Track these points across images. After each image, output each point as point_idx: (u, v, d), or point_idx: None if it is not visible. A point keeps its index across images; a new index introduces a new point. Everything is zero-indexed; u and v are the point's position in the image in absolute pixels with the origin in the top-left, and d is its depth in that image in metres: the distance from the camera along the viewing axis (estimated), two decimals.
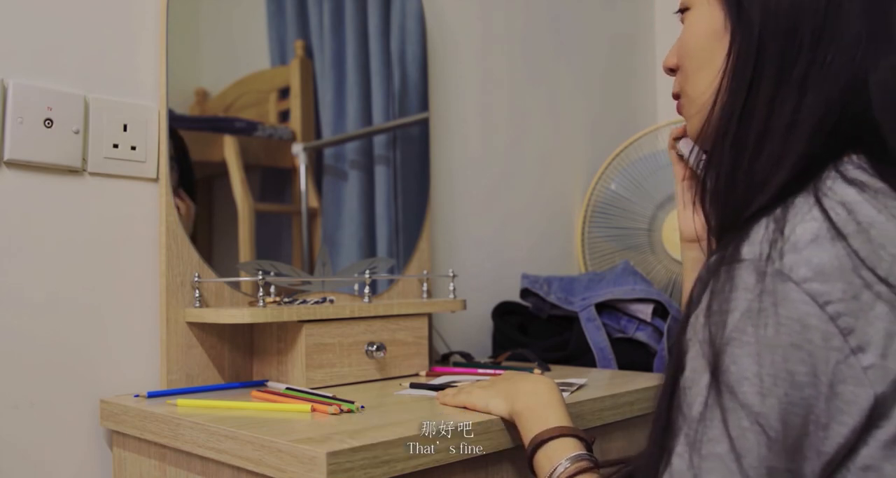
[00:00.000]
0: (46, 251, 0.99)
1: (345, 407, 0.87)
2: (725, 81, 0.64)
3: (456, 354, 1.36)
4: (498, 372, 1.13)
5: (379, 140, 1.34)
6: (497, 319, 1.48)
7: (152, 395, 0.99)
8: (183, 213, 1.09)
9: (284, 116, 1.24)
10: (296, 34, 1.25)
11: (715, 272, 0.59)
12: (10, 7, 0.97)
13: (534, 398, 0.82)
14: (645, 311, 1.31)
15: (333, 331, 1.08)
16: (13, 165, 0.96)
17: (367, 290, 1.17)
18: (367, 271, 1.19)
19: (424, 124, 1.40)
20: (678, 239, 0.90)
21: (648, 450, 0.62)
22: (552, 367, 1.26)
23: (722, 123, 0.64)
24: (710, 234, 0.67)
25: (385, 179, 1.33)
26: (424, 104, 1.39)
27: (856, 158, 0.61)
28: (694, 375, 0.58)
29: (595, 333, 1.30)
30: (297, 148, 1.24)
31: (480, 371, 1.18)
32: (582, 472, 0.72)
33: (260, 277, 1.05)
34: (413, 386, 1.04)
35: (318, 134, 1.27)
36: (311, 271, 1.22)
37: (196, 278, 1.07)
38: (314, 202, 1.26)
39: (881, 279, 0.54)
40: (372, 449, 0.72)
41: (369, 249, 1.31)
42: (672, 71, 0.74)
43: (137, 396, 1.00)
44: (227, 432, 0.79)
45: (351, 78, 1.31)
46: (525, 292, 1.48)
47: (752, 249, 0.57)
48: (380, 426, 0.79)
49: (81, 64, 1.02)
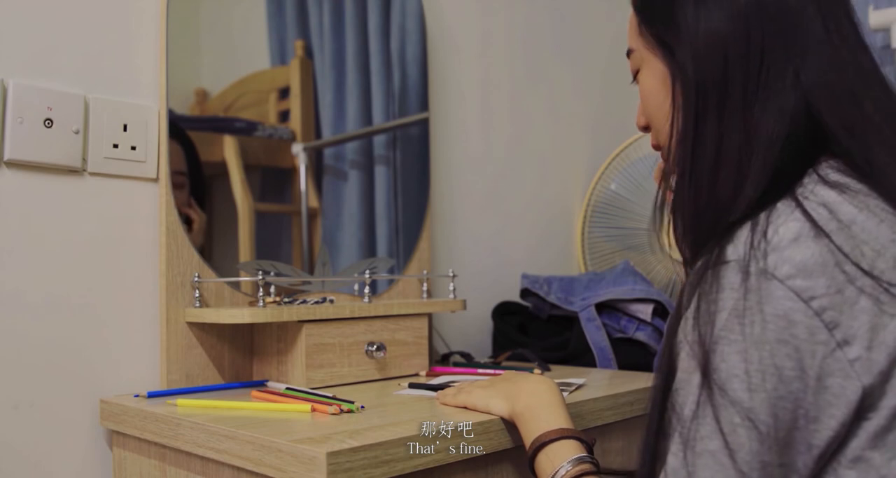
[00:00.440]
0: (46, 251, 0.99)
1: (345, 407, 0.87)
2: (676, 125, 0.67)
3: (456, 354, 1.36)
4: (498, 372, 1.13)
5: (379, 140, 1.34)
6: (497, 320, 1.48)
7: (152, 395, 0.99)
8: (195, 226, 1.09)
9: (284, 116, 1.24)
10: (296, 34, 1.25)
11: (702, 275, 0.60)
12: (10, 7, 0.97)
13: (535, 399, 0.82)
14: (645, 311, 1.31)
15: (333, 331, 1.08)
16: (13, 165, 0.96)
17: (367, 290, 1.17)
18: (367, 271, 1.19)
19: (424, 124, 1.40)
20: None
21: (643, 452, 0.63)
22: (552, 367, 1.26)
23: (679, 162, 0.67)
24: (686, 265, 0.69)
25: (385, 179, 1.33)
26: (424, 104, 1.39)
27: (834, 162, 0.63)
28: (685, 375, 0.60)
29: (595, 333, 1.30)
30: (297, 148, 1.24)
31: (480, 371, 1.18)
32: (583, 475, 0.72)
33: (260, 277, 1.05)
34: (412, 386, 1.04)
35: (318, 134, 1.27)
36: (311, 271, 1.22)
37: (196, 278, 1.07)
38: (314, 202, 1.26)
39: (865, 272, 0.56)
40: (372, 449, 0.72)
41: (369, 249, 1.31)
42: (646, 128, 0.78)
43: (137, 396, 1.00)
44: (227, 432, 0.79)
45: (351, 78, 1.31)
46: (525, 292, 1.48)
47: (737, 250, 0.59)
48: (380, 426, 0.79)
49: (81, 64, 1.02)
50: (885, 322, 0.55)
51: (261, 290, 1.05)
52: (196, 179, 1.12)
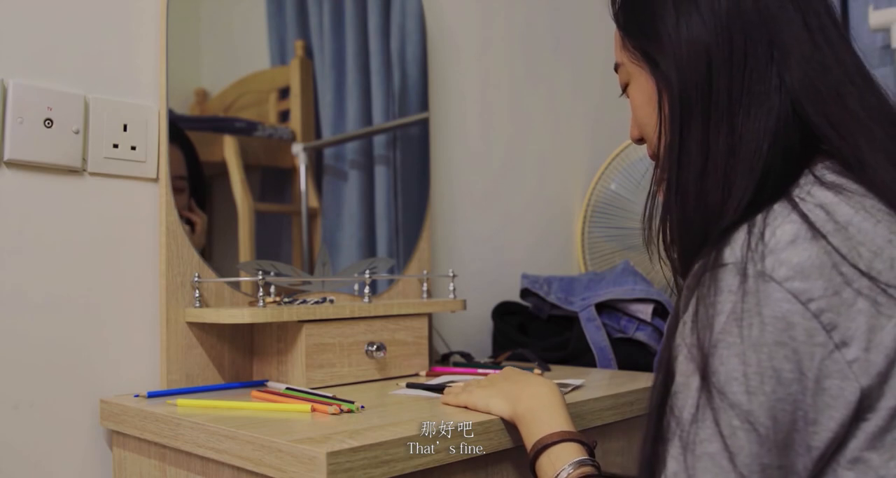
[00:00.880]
0: (46, 251, 0.99)
1: (345, 407, 0.87)
2: (665, 135, 0.68)
3: (456, 354, 1.36)
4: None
5: (379, 140, 1.34)
6: (497, 319, 1.48)
7: (152, 395, 0.99)
8: (197, 229, 1.09)
9: (284, 116, 1.24)
10: (296, 34, 1.25)
11: (699, 278, 0.60)
12: (10, 7, 0.97)
13: (536, 401, 0.82)
14: (645, 311, 1.31)
15: (333, 331, 1.08)
16: (13, 165, 0.96)
17: (367, 290, 1.17)
18: (367, 271, 1.19)
19: (424, 124, 1.40)
20: None
21: (642, 456, 0.63)
22: (552, 367, 1.26)
23: (666, 171, 0.67)
24: (676, 275, 0.69)
25: (385, 179, 1.33)
26: (424, 104, 1.39)
27: (829, 162, 0.63)
28: (684, 379, 0.60)
29: (595, 334, 1.30)
30: (297, 148, 1.24)
31: (480, 371, 1.18)
32: (585, 477, 0.72)
33: (260, 277, 1.05)
34: (410, 386, 1.04)
35: (318, 134, 1.27)
36: (311, 271, 1.22)
37: (196, 278, 1.07)
38: (314, 202, 1.26)
39: (863, 273, 0.56)
40: (372, 449, 0.72)
41: (369, 249, 1.31)
42: (640, 140, 0.78)
43: (137, 396, 1.00)
44: (227, 432, 0.79)
45: (351, 78, 1.31)
46: (525, 292, 1.48)
47: (734, 253, 0.59)
48: (380, 426, 0.79)
49: (81, 64, 1.02)
50: (883, 324, 0.55)
51: (261, 290, 1.05)
52: (197, 182, 1.12)
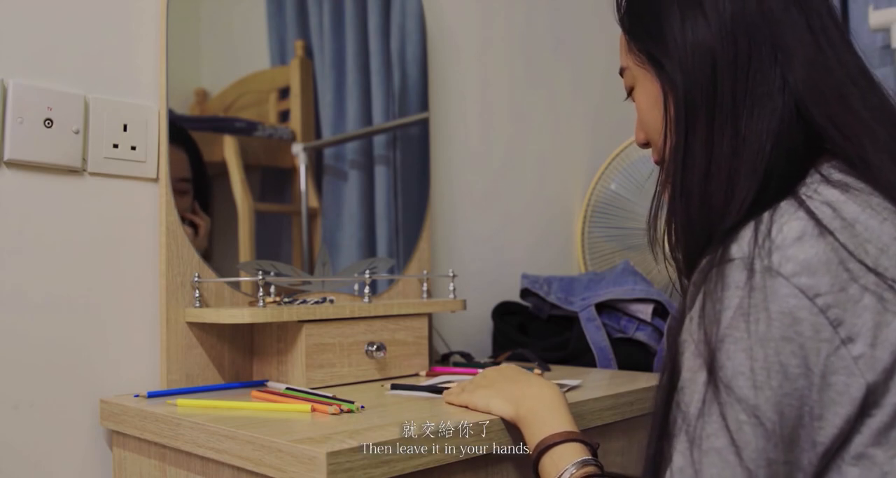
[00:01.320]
0: (46, 251, 0.99)
1: (345, 407, 0.87)
2: (670, 138, 0.68)
3: (456, 354, 1.36)
4: None
5: (379, 140, 1.34)
6: (497, 319, 1.48)
7: (152, 395, 0.99)
8: (201, 232, 1.09)
9: (284, 116, 1.24)
10: (296, 34, 1.25)
11: (706, 274, 0.61)
12: (10, 7, 0.97)
13: (538, 402, 0.82)
14: (645, 311, 1.31)
15: (333, 331, 1.08)
16: (13, 165, 0.96)
17: (367, 290, 1.17)
18: (367, 271, 1.19)
19: (424, 124, 1.40)
20: None
21: (649, 451, 0.63)
22: (552, 367, 1.26)
23: (671, 173, 0.68)
24: (681, 275, 0.70)
25: (385, 179, 1.33)
26: (424, 104, 1.39)
27: (836, 161, 0.63)
28: (690, 374, 0.60)
29: (595, 334, 1.30)
30: (297, 148, 1.24)
31: (480, 371, 1.17)
32: (588, 477, 0.72)
33: (260, 277, 1.05)
34: (395, 388, 1.03)
35: (318, 134, 1.27)
36: (311, 271, 1.22)
37: (196, 278, 1.07)
38: (314, 202, 1.26)
39: (870, 270, 0.56)
40: (372, 449, 0.72)
41: (369, 249, 1.31)
42: (646, 145, 0.78)
43: (137, 396, 1.00)
44: (227, 432, 0.79)
45: (351, 78, 1.31)
46: (525, 292, 1.48)
47: (741, 248, 0.59)
48: (380, 426, 0.79)
49: (81, 64, 1.02)
50: (889, 320, 0.56)
51: (261, 290, 1.05)
52: (201, 185, 1.12)
